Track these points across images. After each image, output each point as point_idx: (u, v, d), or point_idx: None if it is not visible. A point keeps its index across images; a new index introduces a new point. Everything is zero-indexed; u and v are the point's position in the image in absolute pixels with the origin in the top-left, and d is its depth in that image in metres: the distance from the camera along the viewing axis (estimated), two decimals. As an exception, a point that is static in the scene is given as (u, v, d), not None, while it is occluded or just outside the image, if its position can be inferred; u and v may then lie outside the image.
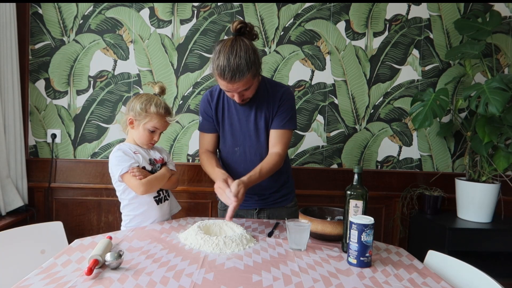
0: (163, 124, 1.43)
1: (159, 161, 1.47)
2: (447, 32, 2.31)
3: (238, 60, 1.28)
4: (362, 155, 2.36)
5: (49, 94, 2.24)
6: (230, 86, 1.33)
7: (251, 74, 1.32)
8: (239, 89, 1.34)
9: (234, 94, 1.38)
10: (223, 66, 1.28)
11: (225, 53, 1.29)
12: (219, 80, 1.33)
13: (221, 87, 1.39)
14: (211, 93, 1.55)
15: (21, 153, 2.11)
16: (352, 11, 2.28)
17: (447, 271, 1.15)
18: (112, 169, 1.38)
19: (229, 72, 1.28)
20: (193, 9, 2.24)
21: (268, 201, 1.61)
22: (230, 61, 1.27)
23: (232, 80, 1.29)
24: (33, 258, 1.28)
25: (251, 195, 1.59)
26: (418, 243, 2.22)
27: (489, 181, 2.06)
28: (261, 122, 1.50)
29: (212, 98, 1.53)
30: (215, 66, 1.31)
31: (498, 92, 1.82)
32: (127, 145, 1.43)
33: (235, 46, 1.29)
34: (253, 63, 1.31)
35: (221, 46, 1.31)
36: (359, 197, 1.15)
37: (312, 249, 1.19)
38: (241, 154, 1.54)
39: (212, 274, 0.95)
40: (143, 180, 1.33)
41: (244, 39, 1.33)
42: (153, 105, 1.39)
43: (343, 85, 2.32)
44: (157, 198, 1.43)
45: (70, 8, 2.20)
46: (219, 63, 1.29)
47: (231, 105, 1.52)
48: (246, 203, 1.60)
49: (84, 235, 1.29)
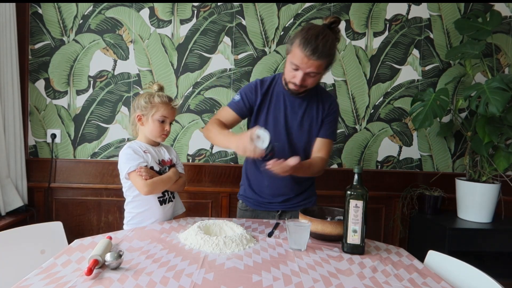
0: (170, 112, 1.44)
1: (167, 163, 1.48)
2: (447, 32, 2.31)
3: (324, 42, 1.29)
4: (362, 155, 2.36)
5: (49, 94, 2.24)
6: (305, 60, 1.31)
7: (326, 61, 1.34)
8: (310, 68, 1.33)
9: (298, 74, 1.36)
10: (309, 39, 1.28)
11: (315, 30, 1.30)
12: (298, 51, 1.31)
13: (292, 61, 1.35)
14: (262, 82, 1.53)
15: (21, 153, 2.11)
16: (352, 11, 2.28)
17: (447, 271, 1.15)
18: (121, 166, 1.39)
19: (313, 46, 1.28)
20: (193, 9, 2.24)
21: (292, 203, 1.60)
22: (318, 38, 1.28)
23: (312, 55, 1.29)
24: (33, 258, 1.27)
25: (275, 197, 1.58)
26: (418, 243, 2.22)
27: (489, 181, 2.06)
28: (306, 123, 1.51)
29: (262, 87, 1.51)
30: (300, 38, 1.30)
31: (498, 92, 1.82)
32: (138, 143, 1.44)
33: (324, 32, 1.31)
34: (332, 55, 1.34)
35: (311, 25, 1.34)
36: (359, 197, 1.15)
37: (312, 249, 1.19)
38: (279, 150, 1.47)
39: (212, 274, 0.95)
40: (148, 181, 1.33)
41: (332, 33, 1.34)
42: (156, 96, 1.43)
43: (343, 85, 2.32)
44: (161, 199, 1.43)
45: (70, 8, 2.20)
46: (307, 36, 1.29)
47: (281, 99, 1.51)
48: (269, 205, 1.60)
49: (84, 235, 1.29)
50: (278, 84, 1.52)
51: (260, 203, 1.61)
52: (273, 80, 1.53)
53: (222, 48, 2.26)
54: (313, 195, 1.66)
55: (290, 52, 1.36)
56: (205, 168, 2.29)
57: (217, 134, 1.43)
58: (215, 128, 1.45)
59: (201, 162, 2.31)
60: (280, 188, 1.48)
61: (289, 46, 1.36)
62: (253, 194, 1.61)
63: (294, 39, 1.34)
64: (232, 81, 2.28)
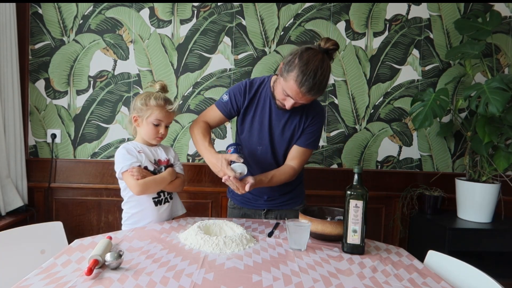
0: (166, 115, 1.42)
1: (163, 163, 1.46)
2: (447, 32, 2.31)
3: (322, 79, 1.28)
4: (362, 155, 2.36)
5: (49, 94, 2.24)
6: (299, 96, 1.31)
7: (320, 94, 1.35)
8: (303, 100, 1.33)
9: (289, 101, 1.35)
10: (308, 75, 1.25)
11: (314, 65, 1.26)
12: (293, 85, 1.28)
13: (286, 90, 1.32)
14: (251, 84, 1.52)
15: (21, 153, 2.11)
16: (352, 11, 2.28)
17: (447, 271, 1.15)
18: (115, 166, 1.39)
19: (309, 86, 1.26)
20: (193, 9, 2.24)
21: (277, 202, 1.61)
22: (317, 75, 1.26)
23: (308, 93, 1.28)
24: (33, 258, 1.28)
25: (260, 196, 1.59)
26: (418, 243, 2.22)
27: (489, 181, 2.06)
28: (289, 131, 1.51)
29: (251, 90, 1.50)
30: (297, 71, 1.26)
31: (498, 92, 1.82)
32: (133, 143, 1.44)
33: (323, 65, 1.28)
34: (326, 87, 1.35)
35: (310, 56, 1.27)
36: (359, 197, 1.15)
37: (312, 249, 1.19)
38: (262, 153, 1.53)
39: (212, 274, 0.95)
40: (140, 181, 1.33)
41: (328, 62, 1.32)
42: (152, 98, 1.41)
43: (343, 85, 2.32)
44: (156, 200, 1.42)
45: (70, 8, 2.20)
46: (305, 71, 1.25)
47: (267, 104, 1.50)
48: (255, 203, 1.61)
49: (84, 235, 1.29)
50: (266, 87, 1.51)
51: (246, 200, 1.63)
52: (262, 83, 1.52)
53: (222, 48, 2.26)
54: (300, 194, 1.66)
55: (284, 79, 1.31)
56: (205, 168, 2.29)
57: (199, 142, 1.46)
58: (199, 134, 1.48)
59: (201, 162, 2.31)
60: (263, 188, 1.49)
61: (285, 73, 1.30)
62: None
63: (291, 68, 1.28)
64: (232, 81, 2.28)
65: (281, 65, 1.35)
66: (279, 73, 1.37)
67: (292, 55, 1.31)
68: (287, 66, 1.30)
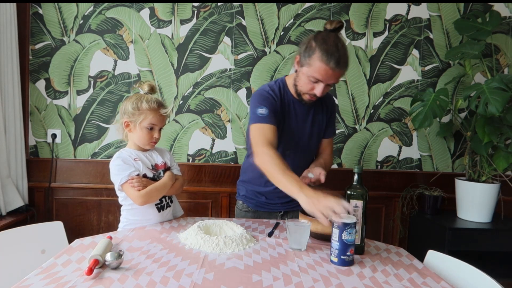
0: (159, 119, 1.37)
1: (161, 167, 1.41)
2: (447, 32, 2.31)
3: (344, 50, 1.29)
4: (362, 155, 2.36)
5: (49, 94, 2.24)
6: (330, 73, 1.28)
7: (347, 67, 1.33)
8: (333, 79, 1.31)
9: (319, 86, 1.33)
10: (331, 51, 1.26)
11: (331, 40, 1.28)
12: (320, 64, 1.27)
13: (313, 74, 1.30)
14: (272, 88, 1.45)
15: (21, 153, 2.11)
16: (352, 11, 2.28)
17: (447, 271, 1.15)
18: (113, 178, 1.35)
19: (336, 58, 1.26)
20: (193, 9, 2.24)
21: (295, 203, 1.58)
22: (339, 48, 1.27)
23: (337, 67, 1.27)
24: (33, 258, 1.28)
25: (280, 198, 1.56)
26: (418, 243, 2.23)
27: (489, 181, 2.06)
28: (315, 127, 1.53)
29: (276, 95, 1.44)
30: (320, 50, 1.26)
31: (498, 92, 1.82)
32: (127, 151, 1.38)
33: (339, 38, 1.31)
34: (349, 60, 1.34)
35: (324, 35, 1.30)
36: (359, 197, 1.15)
37: (312, 249, 1.19)
38: (292, 159, 1.45)
39: (212, 274, 0.95)
40: (142, 191, 1.29)
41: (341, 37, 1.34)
42: (144, 101, 1.34)
43: (343, 85, 2.32)
44: (159, 206, 1.39)
45: (70, 8, 2.20)
46: (327, 48, 1.26)
47: (291, 108, 1.48)
48: (271, 206, 1.59)
49: (84, 235, 1.29)
50: (286, 92, 1.49)
51: (262, 204, 1.60)
52: (280, 88, 1.48)
53: (222, 48, 2.26)
54: None
55: (308, 66, 1.30)
56: (205, 168, 2.29)
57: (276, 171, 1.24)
58: (272, 159, 1.27)
59: (201, 162, 2.31)
60: (279, 191, 1.46)
61: (307, 60, 1.30)
62: (255, 195, 1.60)
63: (311, 52, 1.29)
64: (232, 81, 2.28)
65: (298, 58, 1.36)
66: (297, 67, 1.37)
67: (307, 43, 1.33)
68: (306, 53, 1.31)
